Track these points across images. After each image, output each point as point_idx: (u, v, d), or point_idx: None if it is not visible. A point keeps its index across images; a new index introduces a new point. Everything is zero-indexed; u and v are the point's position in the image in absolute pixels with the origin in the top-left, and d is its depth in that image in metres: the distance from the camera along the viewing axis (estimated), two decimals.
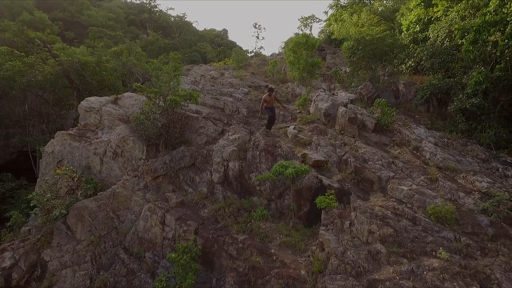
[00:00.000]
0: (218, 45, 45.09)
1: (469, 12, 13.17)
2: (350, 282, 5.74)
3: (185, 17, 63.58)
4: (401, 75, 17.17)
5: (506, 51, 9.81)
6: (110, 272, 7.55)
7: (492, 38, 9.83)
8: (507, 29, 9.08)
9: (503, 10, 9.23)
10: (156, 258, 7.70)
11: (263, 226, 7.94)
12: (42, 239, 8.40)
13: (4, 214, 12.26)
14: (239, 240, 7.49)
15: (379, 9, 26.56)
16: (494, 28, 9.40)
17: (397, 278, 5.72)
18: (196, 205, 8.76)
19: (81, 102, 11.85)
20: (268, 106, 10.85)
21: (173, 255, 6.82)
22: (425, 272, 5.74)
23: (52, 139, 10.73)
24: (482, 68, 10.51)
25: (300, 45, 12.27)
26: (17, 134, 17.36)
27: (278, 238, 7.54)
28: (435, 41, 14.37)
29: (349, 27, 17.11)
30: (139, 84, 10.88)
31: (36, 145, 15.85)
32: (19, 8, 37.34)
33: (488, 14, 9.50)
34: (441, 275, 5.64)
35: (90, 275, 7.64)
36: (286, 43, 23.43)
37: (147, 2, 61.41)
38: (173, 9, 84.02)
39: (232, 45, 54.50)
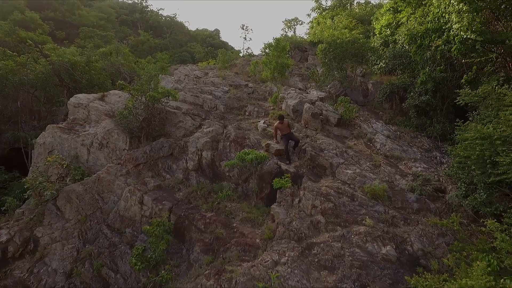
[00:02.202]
0: (210, 46, 46.06)
1: (425, 19, 14.58)
2: (292, 244, 6.99)
3: (176, 17, 64.53)
4: (373, 75, 18.55)
5: (447, 54, 11.19)
6: (94, 245, 8.69)
7: (435, 42, 11.21)
8: (443, 36, 10.44)
9: (441, 20, 10.60)
10: (135, 233, 8.87)
11: (229, 206, 9.16)
12: (35, 219, 9.48)
13: None
14: (207, 216, 8.70)
15: (357, 13, 27.97)
16: (434, 35, 10.76)
17: (330, 241, 6.99)
18: (172, 189, 9.93)
19: (70, 98, 12.93)
20: (284, 134, 10.19)
21: (149, 227, 8.01)
22: (352, 236, 7.03)
23: (43, 132, 11.81)
24: (427, 69, 11.88)
25: (271, 47, 13.53)
26: (9, 130, 18.25)
27: (240, 215, 8.78)
28: (396, 45, 15.79)
29: (323, 30, 18.42)
30: (124, 82, 11.97)
31: (28, 140, 16.81)
32: (10, 8, 37.86)
33: (430, 22, 10.87)
34: (364, 238, 6.94)
35: (77, 248, 8.76)
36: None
37: (139, 2, 62.20)
38: (163, 9, 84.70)
39: (224, 45, 55.36)
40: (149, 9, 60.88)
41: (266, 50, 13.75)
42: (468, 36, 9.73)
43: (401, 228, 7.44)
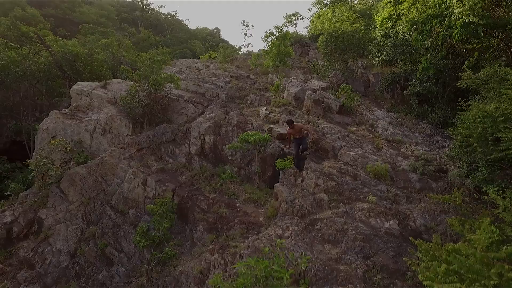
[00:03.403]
0: (210, 43, 46.11)
1: (426, 8, 14.62)
2: (295, 220, 7.04)
3: (176, 15, 64.49)
4: (374, 67, 18.61)
5: (448, 40, 11.24)
6: (98, 226, 8.74)
7: (436, 29, 11.25)
8: (445, 22, 10.49)
9: (442, 6, 10.64)
10: (139, 214, 8.92)
11: (232, 188, 9.21)
12: (38, 201, 9.53)
13: (1, 193, 13.28)
14: (210, 197, 8.76)
15: (358, 7, 28.03)
16: (435, 20, 10.81)
17: (333, 217, 7.03)
18: (175, 172, 9.98)
19: (73, 86, 12.98)
20: (297, 138, 9.01)
21: (152, 206, 8.05)
22: (355, 212, 7.07)
23: (46, 118, 11.86)
24: (429, 55, 11.93)
25: (272, 35, 13.60)
26: (11, 122, 18.29)
27: (243, 196, 8.82)
28: (398, 34, 15.84)
29: (324, 22, 18.50)
30: (127, 67, 12.02)
31: (30, 132, 16.86)
32: (11, 5, 37.94)
33: (431, 8, 10.92)
34: (367, 214, 6.98)
35: (81, 228, 8.81)
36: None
37: (139, 0, 62.22)
38: (164, 6, 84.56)
39: (224, 43, 55.48)
40: (150, 7, 60.90)
41: (267, 39, 13.77)
42: (470, 20, 9.77)
43: (403, 206, 7.49)
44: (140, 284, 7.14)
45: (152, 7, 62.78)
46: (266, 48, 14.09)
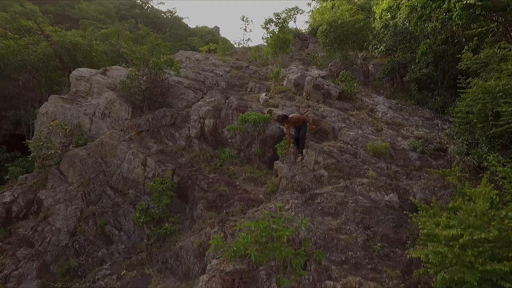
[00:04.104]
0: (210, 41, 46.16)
1: None
2: (296, 195, 7.03)
3: (176, 12, 64.51)
4: (373, 59, 18.63)
5: (448, 24, 11.25)
6: (98, 205, 8.72)
7: (436, 13, 11.26)
8: (444, 5, 10.49)
9: None
10: (138, 194, 8.90)
11: (232, 168, 9.21)
12: (38, 183, 9.51)
13: (1, 179, 13.25)
14: (210, 177, 8.75)
15: (358, 2, 28.05)
16: (435, 4, 10.81)
17: (333, 191, 7.03)
18: (175, 154, 9.97)
19: (73, 71, 12.97)
20: (296, 126, 8.71)
21: (152, 184, 8.04)
22: (355, 187, 7.07)
23: (45, 102, 11.84)
24: (428, 40, 11.94)
25: (271, 21, 13.60)
26: (10, 112, 18.23)
27: (243, 175, 8.82)
28: (397, 24, 15.85)
29: (324, 13, 18.52)
30: (127, 51, 12.00)
31: (29, 121, 16.82)
32: (10, 1, 37.88)
33: None
34: (367, 188, 6.98)
35: (81, 208, 8.79)
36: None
37: None
38: (163, 3, 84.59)
39: (224, 37, 55.47)
40: (149, 4, 60.88)
41: (267, 26, 13.76)
42: (469, 2, 9.77)
43: (403, 182, 7.49)
44: (140, 259, 7.12)
45: (151, 5, 62.83)
46: (266, 35, 14.09)
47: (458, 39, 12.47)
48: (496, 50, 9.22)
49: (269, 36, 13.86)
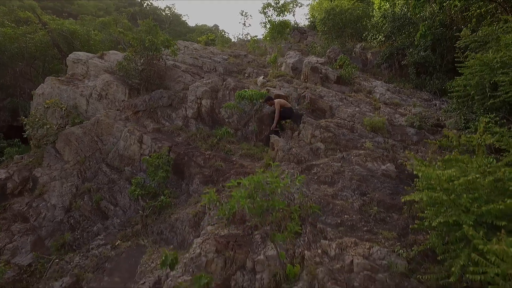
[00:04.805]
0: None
1: None
2: (292, 165, 6.99)
3: (174, 8, 64.41)
4: (372, 49, 18.59)
5: (446, 5, 11.21)
6: (93, 182, 8.67)
7: None
8: None
9: None
10: (134, 171, 8.84)
11: (228, 146, 9.15)
12: (34, 161, 9.45)
13: None
14: (206, 153, 8.68)
15: None
16: None
17: (330, 162, 6.98)
18: (172, 134, 9.92)
19: (69, 55, 12.91)
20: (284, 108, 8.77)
21: (148, 158, 7.99)
22: (352, 157, 7.02)
23: (42, 84, 11.78)
24: (427, 21, 11.91)
25: (269, 6, 13.56)
26: (7, 100, 18.15)
27: (240, 152, 8.77)
28: (396, 11, 15.84)
29: (322, 2, 18.54)
30: (125, 31, 11.93)
31: (27, 109, 16.74)
32: None
33: None
34: (364, 158, 6.93)
35: (76, 185, 8.73)
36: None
37: None
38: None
39: (223, 30, 55.43)
40: (148, 2, 60.86)
41: (265, 10, 13.72)
42: None
43: (401, 155, 7.44)
44: (135, 231, 7.07)
45: (151, 2, 62.80)
46: (264, 20, 14.05)
47: (456, 25, 12.45)
48: (494, 27, 9.18)
49: (267, 20, 13.82)
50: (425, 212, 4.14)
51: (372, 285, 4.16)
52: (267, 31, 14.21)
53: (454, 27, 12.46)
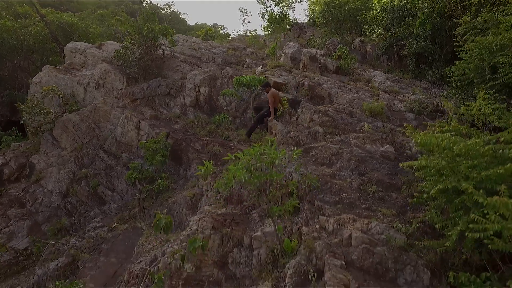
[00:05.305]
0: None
1: None
2: (290, 147, 6.93)
3: (173, 5, 64.38)
4: (371, 42, 18.53)
5: None
6: (91, 168, 8.62)
7: None
8: None
9: None
10: (132, 157, 8.79)
11: (226, 132, 9.10)
12: (31, 148, 9.40)
13: None
14: (204, 139, 8.64)
15: None
16: None
17: (328, 144, 6.93)
18: (169, 121, 9.86)
19: (67, 44, 12.84)
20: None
21: (145, 143, 7.93)
22: (351, 140, 6.97)
23: (39, 72, 11.72)
24: (426, 10, 11.87)
25: None
26: (4, 92, 18.05)
27: (238, 138, 8.71)
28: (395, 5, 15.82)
29: None
30: (123, 18, 11.85)
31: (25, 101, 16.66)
32: None
33: None
34: (363, 140, 6.88)
35: (73, 171, 8.68)
36: None
37: None
38: None
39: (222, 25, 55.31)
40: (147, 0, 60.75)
41: (263, 0, 13.66)
42: None
43: (399, 138, 7.39)
44: (132, 214, 7.03)
45: (150, 1, 62.68)
46: (262, 10, 14.00)
47: (455, 16, 12.40)
48: (494, 14, 9.13)
49: (265, 11, 13.77)
50: (424, 183, 4.09)
51: (370, 258, 4.11)
52: (266, 22, 14.15)
53: (454, 19, 12.43)
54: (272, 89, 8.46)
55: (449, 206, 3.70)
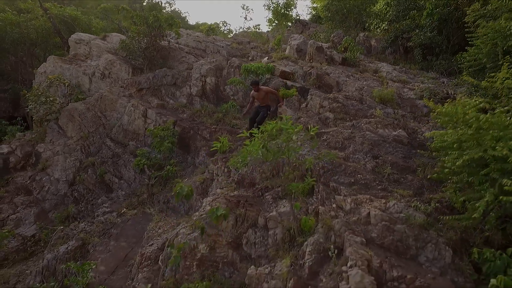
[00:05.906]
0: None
1: None
2: (300, 133, 6.83)
3: (174, 4, 64.15)
4: (376, 36, 18.44)
5: None
6: (98, 156, 8.53)
7: None
8: None
9: None
10: (139, 145, 8.70)
11: (234, 121, 9.01)
12: (36, 137, 9.32)
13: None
14: (212, 127, 8.56)
15: None
16: None
17: (340, 130, 6.84)
18: (176, 111, 9.77)
19: (72, 35, 12.76)
20: (261, 105, 7.52)
21: (153, 129, 7.84)
22: (362, 125, 6.88)
23: (44, 62, 11.64)
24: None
25: None
26: (8, 86, 17.97)
27: (246, 126, 8.60)
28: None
29: None
30: (127, 8, 11.77)
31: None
32: None
33: None
34: (375, 125, 6.80)
35: (80, 159, 8.60)
36: None
37: None
38: None
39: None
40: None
41: None
42: None
43: (411, 124, 7.30)
44: (141, 200, 6.95)
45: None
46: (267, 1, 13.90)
47: (462, 8, 12.31)
48: (504, 1, 9.02)
49: (271, 2, 13.68)
50: (446, 158, 4.01)
51: (390, 235, 4.03)
52: (271, 14, 14.05)
53: (460, 11, 12.34)
54: (257, 87, 7.40)
55: (474, 179, 3.61)
